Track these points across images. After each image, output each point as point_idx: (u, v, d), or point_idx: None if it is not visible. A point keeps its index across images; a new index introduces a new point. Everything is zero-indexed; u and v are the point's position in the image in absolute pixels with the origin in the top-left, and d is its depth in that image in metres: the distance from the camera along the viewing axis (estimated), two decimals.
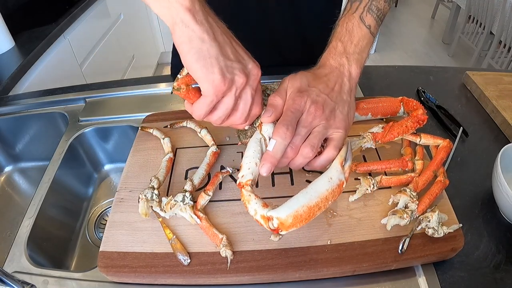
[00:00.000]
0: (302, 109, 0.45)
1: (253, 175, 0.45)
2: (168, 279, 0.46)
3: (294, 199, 0.41)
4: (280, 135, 0.43)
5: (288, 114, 0.44)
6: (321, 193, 0.42)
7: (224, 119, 0.44)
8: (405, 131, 0.55)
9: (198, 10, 0.38)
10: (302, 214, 0.40)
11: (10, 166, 0.87)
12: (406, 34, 3.54)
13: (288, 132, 0.43)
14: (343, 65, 0.50)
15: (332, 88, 0.48)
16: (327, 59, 0.51)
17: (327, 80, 0.49)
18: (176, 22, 0.38)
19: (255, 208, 0.42)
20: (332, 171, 0.44)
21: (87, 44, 1.62)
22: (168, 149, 0.60)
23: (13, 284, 0.40)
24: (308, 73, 0.49)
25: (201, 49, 0.38)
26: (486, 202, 0.57)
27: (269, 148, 0.44)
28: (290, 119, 0.44)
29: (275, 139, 0.43)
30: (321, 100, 0.46)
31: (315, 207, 0.41)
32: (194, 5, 0.38)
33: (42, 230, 0.60)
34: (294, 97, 0.45)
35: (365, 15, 0.52)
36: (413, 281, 0.47)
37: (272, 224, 0.40)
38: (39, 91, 0.89)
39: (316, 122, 0.45)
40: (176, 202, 0.50)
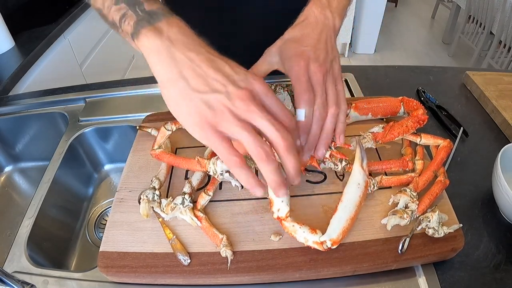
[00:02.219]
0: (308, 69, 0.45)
1: (288, 205, 0.46)
2: (168, 279, 0.46)
3: (337, 217, 0.45)
4: (306, 102, 0.43)
5: (305, 81, 0.44)
6: (356, 201, 0.46)
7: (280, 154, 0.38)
8: (405, 131, 0.55)
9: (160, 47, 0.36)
10: (347, 226, 0.45)
11: (10, 166, 0.87)
12: (406, 34, 3.54)
13: (312, 97, 0.43)
14: (328, 18, 0.49)
15: (324, 41, 0.48)
16: (312, 11, 0.50)
17: (315, 35, 0.48)
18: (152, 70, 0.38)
19: (305, 237, 0.45)
20: (357, 175, 0.47)
21: (87, 44, 1.62)
22: (168, 149, 0.60)
23: (13, 284, 0.40)
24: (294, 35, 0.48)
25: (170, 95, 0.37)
26: (486, 202, 0.57)
27: (300, 118, 0.43)
28: (307, 84, 0.44)
29: (302, 108, 0.43)
30: (321, 55, 0.46)
31: (355, 215, 0.46)
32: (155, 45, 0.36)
33: (42, 230, 0.60)
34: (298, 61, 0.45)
35: None
36: (413, 281, 0.47)
37: (326, 245, 0.44)
38: (39, 91, 0.89)
39: (325, 77, 0.46)
40: (175, 205, 0.50)
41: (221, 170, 0.51)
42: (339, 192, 0.53)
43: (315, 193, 0.53)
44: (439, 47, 3.25)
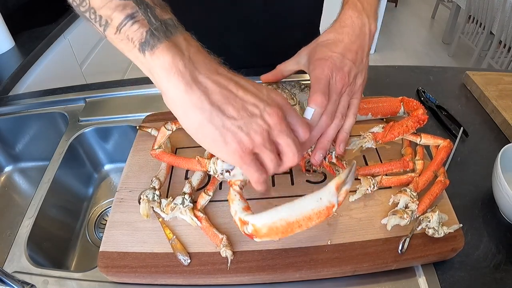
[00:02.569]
0: (331, 75, 0.45)
1: (244, 176, 0.45)
2: (168, 279, 0.46)
3: (276, 209, 0.38)
4: (318, 104, 0.43)
5: (322, 83, 0.44)
6: (305, 211, 0.38)
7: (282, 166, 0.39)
8: (405, 131, 0.55)
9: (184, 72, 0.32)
10: (278, 227, 0.38)
11: (10, 166, 0.87)
12: (406, 34, 3.54)
13: (325, 101, 0.43)
14: (365, 24, 0.48)
15: (356, 52, 0.47)
16: (348, 15, 0.48)
17: (350, 43, 0.47)
18: (163, 90, 0.33)
19: (236, 209, 0.41)
20: (325, 191, 0.39)
21: (87, 44, 1.62)
22: (168, 149, 0.60)
23: (13, 284, 0.40)
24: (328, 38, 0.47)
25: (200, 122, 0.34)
26: (486, 202, 0.57)
27: (307, 116, 0.43)
28: (325, 88, 0.43)
29: (313, 107, 0.43)
30: (347, 66, 0.46)
31: (294, 224, 0.38)
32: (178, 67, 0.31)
33: (42, 230, 0.60)
34: (322, 66, 0.45)
35: None
36: (413, 281, 0.47)
37: (246, 228, 0.39)
38: (39, 91, 0.89)
39: (344, 89, 0.46)
40: (175, 205, 0.50)
41: (221, 170, 0.51)
42: None
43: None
44: (439, 47, 3.25)
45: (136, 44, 0.32)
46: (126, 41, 0.32)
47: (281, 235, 0.38)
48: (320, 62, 0.45)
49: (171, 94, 0.33)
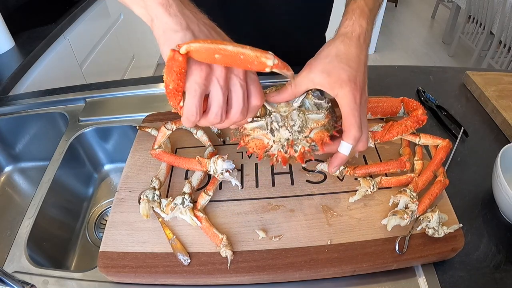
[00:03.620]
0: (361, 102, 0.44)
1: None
2: (168, 279, 0.46)
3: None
4: (355, 138, 0.44)
5: (356, 115, 0.43)
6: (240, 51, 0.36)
7: (222, 117, 0.41)
8: (404, 131, 0.55)
9: (172, 4, 0.39)
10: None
11: (10, 166, 0.87)
12: (406, 34, 3.54)
13: (359, 134, 0.44)
14: (364, 32, 0.47)
15: (364, 62, 0.46)
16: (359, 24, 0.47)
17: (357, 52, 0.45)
18: (152, 18, 0.39)
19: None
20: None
21: (87, 44, 1.62)
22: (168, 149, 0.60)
23: (13, 284, 0.40)
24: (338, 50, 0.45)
25: (174, 39, 0.38)
26: (486, 202, 0.57)
27: (344, 152, 0.45)
28: (359, 119, 0.43)
29: (349, 143, 0.44)
30: (363, 82, 0.45)
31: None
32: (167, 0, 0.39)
33: (42, 230, 0.60)
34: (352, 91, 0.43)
35: None
36: (413, 281, 0.47)
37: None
38: (39, 91, 0.89)
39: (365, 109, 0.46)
40: (175, 205, 0.50)
41: (222, 169, 0.51)
42: (339, 192, 0.54)
43: (315, 193, 0.53)
44: (439, 47, 3.25)
45: None
46: None
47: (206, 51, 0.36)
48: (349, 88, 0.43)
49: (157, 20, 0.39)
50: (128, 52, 2.11)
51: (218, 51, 0.36)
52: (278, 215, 0.51)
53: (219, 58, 0.36)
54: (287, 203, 0.52)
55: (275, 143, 0.45)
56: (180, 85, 0.38)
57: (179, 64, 0.36)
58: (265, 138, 0.46)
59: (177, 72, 0.36)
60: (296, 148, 0.46)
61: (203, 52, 0.36)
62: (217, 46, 0.35)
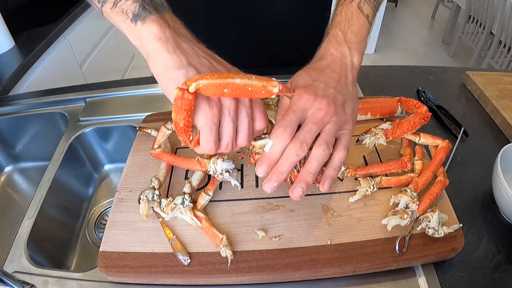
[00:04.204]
0: (308, 106, 0.42)
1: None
2: (168, 279, 0.46)
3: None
4: (277, 136, 0.40)
5: (289, 115, 0.41)
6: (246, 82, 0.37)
7: (232, 144, 0.41)
8: (413, 127, 0.55)
9: (169, 38, 0.38)
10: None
11: (10, 166, 0.87)
12: (406, 34, 3.54)
13: (285, 133, 0.40)
14: (345, 55, 0.47)
15: (338, 80, 0.45)
16: (327, 49, 0.48)
17: (330, 72, 0.46)
18: (149, 53, 0.38)
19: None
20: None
21: (87, 44, 1.62)
22: (168, 149, 0.60)
23: (13, 284, 0.40)
24: (308, 69, 0.47)
25: (177, 78, 0.37)
26: (486, 202, 0.57)
27: (266, 149, 0.41)
28: (290, 119, 0.41)
29: (271, 140, 0.41)
30: (331, 94, 0.43)
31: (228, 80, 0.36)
32: (164, 34, 0.38)
33: (42, 230, 0.60)
34: (300, 93, 0.42)
35: (363, 5, 0.50)
36: (413, 281, 0.47)
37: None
38: (39, 91, 0.89)
39: (328, 118, 0.42)
40: (175, 205, 0.50)
41: (221, 169, 0.51)
42: (339, 192, 0.54)
43: (315, 193, 0.53)
44: (439, 47, 3.26)
45: (129, 15, 0.38)
46: (120, 13, 0.38)
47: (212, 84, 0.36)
48: (301, 90, 0.42)
49: (156, 56, 0.38)
50: (128, 52, 2.11)
51: (227, 85, 0.35)
52: (278, 215, 0.51)
53: (228, 92, 0.36)
54: (287, 203, 0.52)
55: None
56: (190, 122, 0.38)
57: (189, 102, 0.36)
58: None
59: (187, 111, 0.36)
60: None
61: (212, 88, 0.35)
62: (226, 80, 0.35)
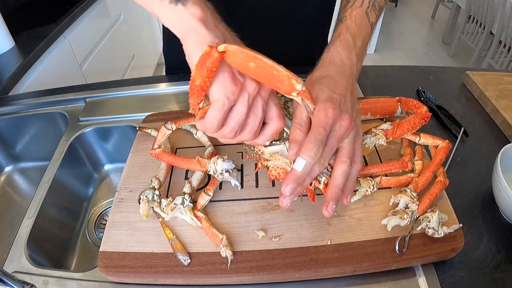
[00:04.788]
0: (333, 122, 0.41)
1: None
2: (168, 279, 0.46)
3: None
4: (311, 156, 0.39)
5: (319, 132, 0.40)
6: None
7: (236, 132, 0.40)
8: (413, 127, 0.55)
9: (209, 19, 0.39)
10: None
11: (10, 166, 0.87)
12: (406, 34, 3.54)
13: (319, 153, 0.40)
14: (353, 64, 0.47)
15: (350, 91, 0.45)
16: (338, 53, 0.47)
17: (342, 81, 0.45)
18: (188, 31, 0.39)
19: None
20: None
21: (87, 44, 1.62)
22: (168, 149, 0.60)
23: (13, 284, 0.40)
24: (324, 78, 0.45)
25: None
26: (486, 202, 0.57)
27: (297, 167, 0.40)
28: (321, 137, 0.40)
29: (305, 159, 0.40)
30: (350, 108, 0.43)
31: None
32: (205, 15, 0.39)
33: (42, 230, 0.60)
34: (326, 108, 0.41)
35: (370, 11, 0.50)
36: (413, 281, 0.47)
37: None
38: (39, 91, 0.89)
39: (348, 133, 0.42)
40: (175, 205, 0.50)
41: (221, 169, 0.51)
42: None
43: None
44: (439, 47, 3.25)
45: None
46: None
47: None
48: (325, 105, 0.41)
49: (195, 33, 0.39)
50: (128, 52, 2.11)
51: (254, 59, 0.35)
52: (278, 215, 0.51)
53: (252, 67, 0.35)
54: None
55: None
56: (207, 84, 0.36)
57: (214, 60, 0.35)
58: (289, 167, 0.45)
59: (208, 69, 0.35)
60: (320, 179, 0.44)
61: (239, 56, 0.35)
62: (255, 54, 0.35)
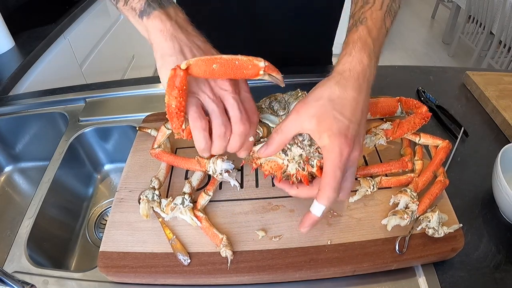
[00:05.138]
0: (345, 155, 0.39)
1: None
2: (168, 279, 0.46)
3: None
4: (330, 201, 0.39)
5: (337, 175, 0.39)
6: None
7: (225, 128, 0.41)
8: (413, 127, 0.55)
9: (169, 29, 0.42)
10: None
11: (10, 166, 0.87)
12: (406, 34, 3.54)
13: (336, 196, 0.39)
14: (372, 74, 0.43)
15: (365, 113, 0.42)
16: (360, 61, 0.42)
17: (361, 103, 0.41)
18: (152, 43, 0.43)
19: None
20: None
21: (87, 44, 1.62)
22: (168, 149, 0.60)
23: (13, 284, 0.40)
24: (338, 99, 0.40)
25: (169, 63, 0.41)
26: (486, 202, 0.57)
27: (316, 213, 0.40)
28: (339, 180, 0.39)
29: (324, 205, 0.40)
30: (360, 133, 0.41)
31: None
32: (165, 26, 0.42)
33: (42, 230, 0.60)
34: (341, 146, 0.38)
35: (387, 16, 0.47)
36: (413, 281, 0.47)
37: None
38: (39, 91, 0.89)
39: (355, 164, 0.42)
40: (175, 205, 0.50)
41: (221, 169, 0.51)
42: None
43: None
44: (439, 47, 3.25)
45: (137, 11, 0.44)
46: (130, 10, 0.45)
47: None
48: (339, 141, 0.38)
49: (157, 45, 0.43)
50: (128, 52, 2.11)
51: (215, 60, 0.38)
52: (278, 215, 0.51)
53: (217, 68, 0.38)
54: (287, 203, 0.52)
55: (290, 162, 0.44)
56: (182, 104, 0.39)
57: (181, 79, 0.38)
58: (279, 159, 0.45)
59: (179, 89, 0.38)
60: (312, 162, 0.44)
61: (201, 65, 0.38)
62: (213, 57, 0.38)
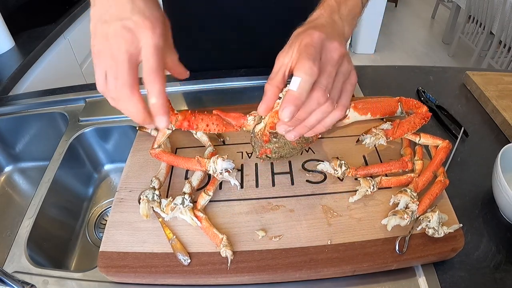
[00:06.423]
0: (323, 45, 0.37)
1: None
2: (168, 279, 0.46)
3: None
4: (306, 72, 0.35)
5: (310, 48, 0.36)
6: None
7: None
8: (413, 127, 0.55)
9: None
10: None
11: (10, 166, 0.87)
12: (406, 34, 3.54)
13: (315, 67, 0.35)
14: (337, 23, 0.43)
15: (339, 34, 0.42)
16: (321, 13, 0.44)
17: (329, 29, 0.41)
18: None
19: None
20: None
21: (87, 44, 1.60)
22: (168, 149, 0.60)
23: (13, 284, 0.40)
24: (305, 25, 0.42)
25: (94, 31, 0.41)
26: (486, 202, 0.57)
27: (293, 87, 0.35)
28: (315, 53, 0.36)
29: (299, 76, 0.35)
30: (338, 37, 0.39)
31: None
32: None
33: (42, 230, 0.60)
34: (310, 33, 0.37)
35: None
36: (413, 281, 0.47)
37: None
38: (39, 91, 0.88)
39: (340, 61, 0.38)
40: (175, 205, 0.50)
41: (221, 169, 0.51)
42: (339, 192, 0.54)
43: (315, 193, 0.53)
44: (439, 47, 3.26)
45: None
46: None
47: None
48: (310, 31, 0.37)
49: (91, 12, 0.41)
50: None
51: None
52: (278, 215, 0.51)
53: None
54: (287, 203, 0.52)
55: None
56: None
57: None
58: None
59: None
60: None
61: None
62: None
